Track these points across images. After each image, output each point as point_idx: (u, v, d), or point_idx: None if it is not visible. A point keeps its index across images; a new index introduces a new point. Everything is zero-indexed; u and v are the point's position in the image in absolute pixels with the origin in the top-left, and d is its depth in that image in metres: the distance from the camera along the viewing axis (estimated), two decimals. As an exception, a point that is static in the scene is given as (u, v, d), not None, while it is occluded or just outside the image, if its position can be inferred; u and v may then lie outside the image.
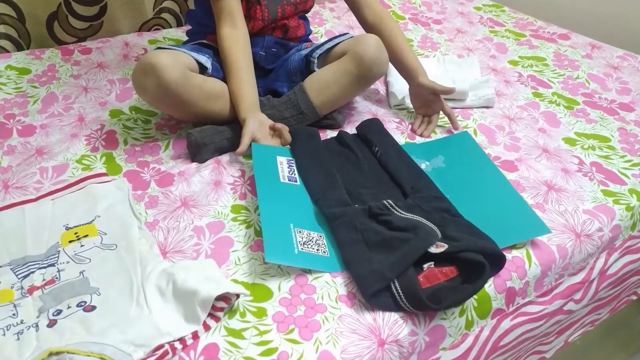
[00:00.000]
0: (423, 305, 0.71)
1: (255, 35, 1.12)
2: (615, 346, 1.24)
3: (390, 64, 1.15)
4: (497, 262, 0.78)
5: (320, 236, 0.83)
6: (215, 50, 1.09)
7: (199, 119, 1.04)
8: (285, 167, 0.94)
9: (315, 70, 1.10)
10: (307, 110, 1.07)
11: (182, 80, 0.94)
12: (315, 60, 1.11)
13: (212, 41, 1.12)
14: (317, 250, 0.80)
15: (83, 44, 1.42)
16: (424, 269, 0.75)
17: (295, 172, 0.94)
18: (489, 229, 0.82)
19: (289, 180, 0.92)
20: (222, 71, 1.07)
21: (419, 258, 0.75)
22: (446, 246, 0.76)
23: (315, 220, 0.87)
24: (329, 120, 1.12)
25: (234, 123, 1.04)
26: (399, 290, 0.72)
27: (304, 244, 0.79)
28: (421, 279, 0.74)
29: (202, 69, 1.03)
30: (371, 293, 0.72)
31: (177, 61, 0.95)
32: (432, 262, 0.76)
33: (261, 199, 0.85)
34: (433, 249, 0.76)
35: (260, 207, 0.83)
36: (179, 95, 0.95)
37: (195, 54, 1.02)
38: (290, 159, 0.97)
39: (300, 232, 0.81)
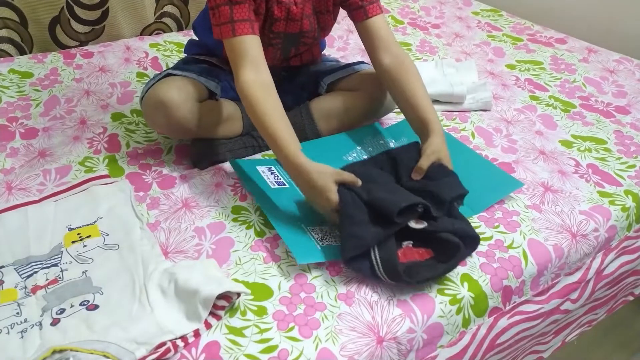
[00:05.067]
0: (398, 276, 0.74)
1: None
2: (613, 347, 1.25)
3: None
4: (472, 244, 0.82)
5: (331, 227, 0.85)
6: (221, 70, 1.07)
7: (208, 138, 1.03)
8: (268, 174, 0.97)
9: (321, 94, 1.11)
10: (311, 136, 1.08)
11: (192, 115, 0.95)
12: (325, 86, 1.11)
13: (218, 62, 1.09)
14: (335, 241, 0.83)
15: (85, 47, 1.43)
16: (402, 246, 0.79)
17: (280, 176, 0.97)
18: (470, 195, 0.89)
19: (278, 185, 0.95)
20: (231, 90, 1.05)
21: (399, 235, 0.79)
22: (425, 224, 0.79)
23: (319, 214, 0.88)
24: None
25: (250, 132, 1.07)
26: (378, 259, 0.75)
27: (322, 238, 0.83)
28: (399, 254, 0.77)
29: (211, 93, 1.03)
30: (349, 257, 0.76)
31: (186, 97, 0.94)
32: (411, 242, 0.80)
33: (264, 208, 0.87)
34: (413, 224, 0.79)
35: (268, 216, 0.86)
36: (189, 129, 0.97)
37: (204, 80, 1.01)
38: (270, 166, 0.99)
39: (313, 229, 0.85)
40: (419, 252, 0.79)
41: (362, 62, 1.15)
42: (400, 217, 0.78)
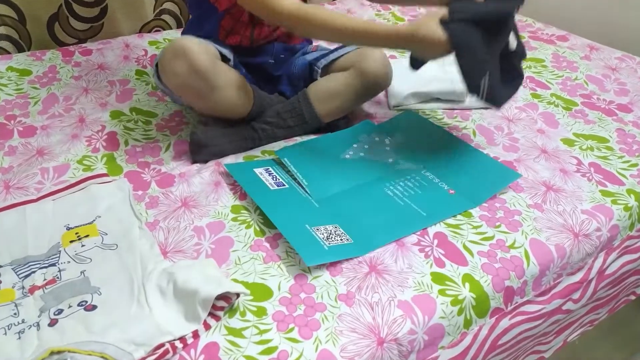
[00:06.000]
0: (499, 103, 0.96)
1: (262, 44, 1.13)
2: (614, 346, 1.24)
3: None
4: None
5: (336, 227, 0.85)
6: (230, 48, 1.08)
7: (221, 110, 1.03)
8: (267, 176, 0.96)
9: (317, 79, 1.12)
10: (310, 120, 1.08)
11: (212, 65, 0.94)
12: (319, 70, 1.12)
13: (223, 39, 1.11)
14: (341, 240, 0.83)
15: (84, 45, 1.42)
16: None
17: (279, 177, 0.96)
18: (469, 188, 0.95)
19: (277, 186, 0.94)
20: (242, 68, 1.08)
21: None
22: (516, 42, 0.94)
23: (323, 214, 0.88)
24: (333, 126, 1.13)
25: (246, 123, 1.06)
26: (485, 85, 0.89)
27: (327, 238, 0.82)
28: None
29: (224, 61, 1.02)
30: (476, 84, 0.88)
31: (206, 47, 0.95)
32: None
33: (266, 210, 0.86)
34: (512, 41, 0.92)
35: (272, 219, 0.85)
36: (208, 80, 0.94)
37: (217, 46, 1.01)
38: (267, 167, 0.99)
39: (317, 229, 0.84)
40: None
41: None
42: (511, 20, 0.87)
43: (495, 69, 0.91)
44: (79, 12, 1.43)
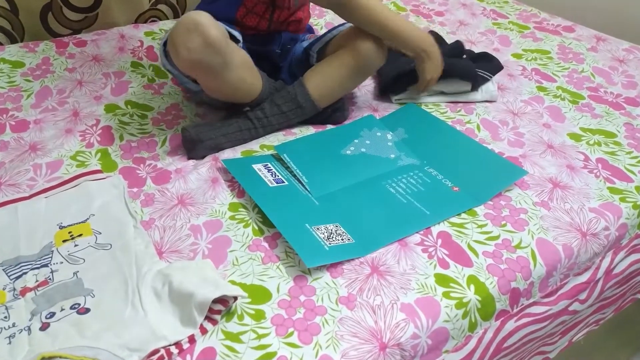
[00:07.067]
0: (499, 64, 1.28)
1: (271, 32, 1.12)
2: (619, 343, 1.23)
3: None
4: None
5: (337, 226, 0.83)
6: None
7: (233, 91, 1.00)
8: (265, 172, 0.93)
9: (313, 64, 1.10)
10: (305, 104, 1.05)
11: (225, 40, 0.91)
12: (315, 55, 1.11)
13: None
14: (342, 240, 0.80)
15: (78, 36, 1.39)
16: None
17: (278, 173, 0.94)
18: (474, 186, 0.93)
19: (276, 183, 0.91)
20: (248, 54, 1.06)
21: None
22: None
23: (323, 213, 0.86)
24: (334, 106, 1.10)
25: (241, 113, 1.04)
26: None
27: (328, 238, 0.80)
28: None
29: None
30: (476, 73, 1.18)
31: (218, 25, 0.91)
32: None
33: (265, 209, 0.84)
34: None
35: (269, 217, 0.82)
36: (222, 55, 0.91)
37: (226, 26, 0.98)
38: (266, 163, 0.96)
39: (318, 228, 0.81)
40: None
41: (344, 23, 1.12)
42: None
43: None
44: (73, 2, 1.39)
